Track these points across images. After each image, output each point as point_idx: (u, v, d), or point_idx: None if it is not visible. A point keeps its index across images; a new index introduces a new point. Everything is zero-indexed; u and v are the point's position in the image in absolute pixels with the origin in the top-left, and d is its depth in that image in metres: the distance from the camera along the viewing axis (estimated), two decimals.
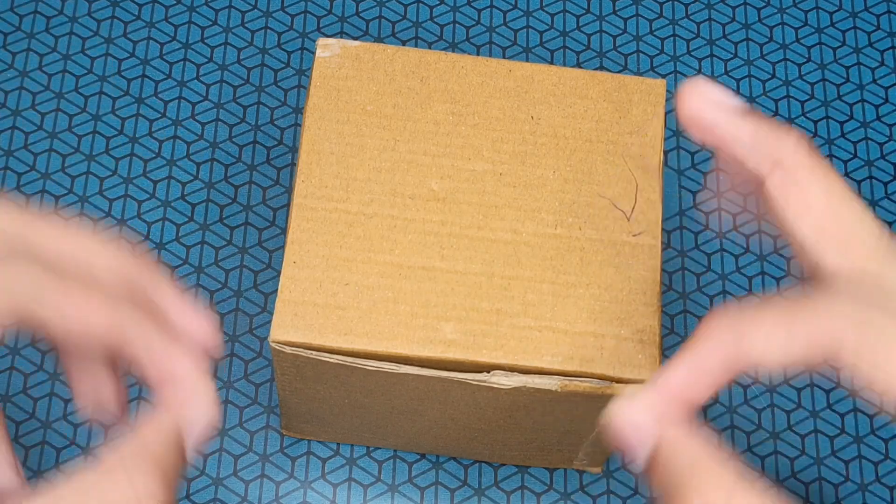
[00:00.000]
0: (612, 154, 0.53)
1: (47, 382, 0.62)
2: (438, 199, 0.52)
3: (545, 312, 0.50)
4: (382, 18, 0.71)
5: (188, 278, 0.65)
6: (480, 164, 0.53)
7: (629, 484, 0.62)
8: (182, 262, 0.65)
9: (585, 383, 0.50)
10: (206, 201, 0.66)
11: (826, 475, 0.63)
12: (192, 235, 0.66)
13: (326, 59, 0.54)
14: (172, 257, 0.65)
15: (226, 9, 0.71)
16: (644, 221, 0.52)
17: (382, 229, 0.51)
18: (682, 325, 0.65)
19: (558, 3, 0.73)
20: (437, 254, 0.51)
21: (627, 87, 0.54)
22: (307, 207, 0.51)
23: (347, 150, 0.52)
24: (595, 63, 0.71)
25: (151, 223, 0.66)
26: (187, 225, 0.66)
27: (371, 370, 0.50)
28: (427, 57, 0.54)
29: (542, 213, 0.52)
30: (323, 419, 0.57)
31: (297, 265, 0.50)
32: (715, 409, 0.64)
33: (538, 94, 0.54)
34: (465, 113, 0.53)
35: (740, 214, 0.68)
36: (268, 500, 0.60)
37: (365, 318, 0.50)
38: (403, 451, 0.61)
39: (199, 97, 0.69)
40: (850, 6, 0.73)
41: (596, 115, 0.54)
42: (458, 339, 0.50)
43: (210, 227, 0.66)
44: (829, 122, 0.70)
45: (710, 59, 0.72)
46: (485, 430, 0.56)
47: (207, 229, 0.66)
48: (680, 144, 0.69)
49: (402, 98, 0.53)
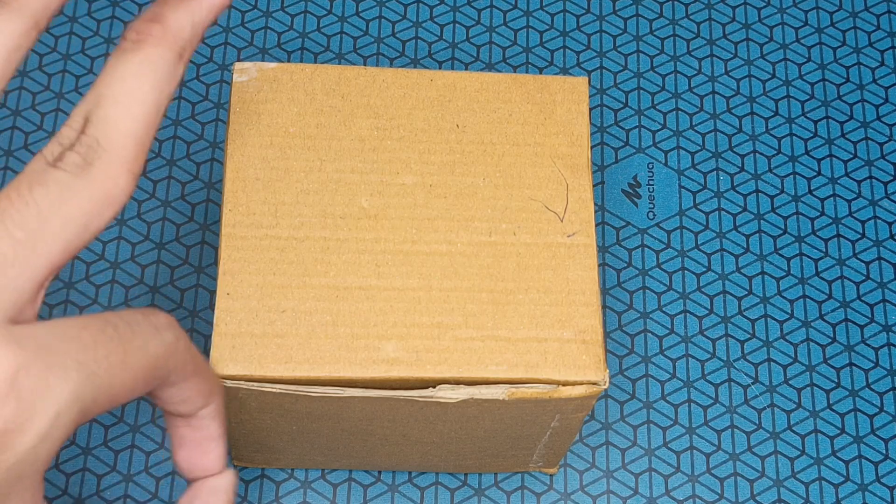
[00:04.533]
0: (539, 156, 0.53)
1: None
2: (370, 217, 0.51)
3: (486, 322, 0.50)
4: (382, 18, 0.71)
5: (188, 279, 0.64)
6: (409, 177, 0.52)
7: (629, 484, 0.62)
8: (182, 262, 0.65)
9: (532, 389, 0.50)
10: (206, 201, 0.66)
11: (826, 475, 0.63)
12: (192, 235, 0.65)
13: (244, 84, 0.53)
14: (172, 257, 0.65)
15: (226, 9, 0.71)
16: (577, 221, 0.52)
17: (315, 252, 0.51)
18: (681, 326, 0.65)
19: (558, 2, 0.72)
20: (373, 272, 0.50)
21: (550, 87, 0.54)
22: (236, 237, 0.51)
23: (273, 175, 0.52)
24: (595, 63, 0.70)
25: (151, 223, 0.65)
26: (187, 225, 0.65)
27: (315, 396, 0.50)
28: (346, 73, 0.54)
29: (476, 221, 0.51)
30: (273, 447, 0.57)
31: (231, 296, 0.50)
32: (715, 408, 0.64)
33: (462, 102, 0.53)
34: (390, 127, 0.53)
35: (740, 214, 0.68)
36: (268, 500, 0.60)
37: (305, 344, 0.49)
38: (358, 470, 0.61)
39: (198, 97, 0.68)
40: (850, 6, 0.73)
41: (521, 118, 0.53)
42: (401, 357, 0.49)
43: (210, 228, 0.65)
44: (830, 122, 0.70)
45: (710, 58, 0.71)
46: (437, 443, 0.55)
47: (207, 229, 0.65)
48: (680, 144, 0.69)
49: (324, 117, 0.53)
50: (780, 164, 0.69)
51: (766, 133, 0.70)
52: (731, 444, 0.63)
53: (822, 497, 0.62)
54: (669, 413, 0.64)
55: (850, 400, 0.64)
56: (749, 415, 0.64)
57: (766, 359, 0.65)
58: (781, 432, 0.63)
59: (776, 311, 0.66)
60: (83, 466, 0.60)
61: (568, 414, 0.52)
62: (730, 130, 0.70)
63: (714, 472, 0.63)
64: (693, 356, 0.65)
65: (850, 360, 0.65)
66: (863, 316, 0.66)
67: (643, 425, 0.63)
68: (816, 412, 0.64)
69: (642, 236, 0.67)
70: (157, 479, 0.61)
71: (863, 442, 0.64)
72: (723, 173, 0.69)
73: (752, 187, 0.69)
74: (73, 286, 0.64)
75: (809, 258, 0.67)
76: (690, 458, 0.63)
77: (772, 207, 0.68)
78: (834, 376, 0.65)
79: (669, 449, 0.63)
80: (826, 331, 0.66)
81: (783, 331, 0.66)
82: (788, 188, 0.69)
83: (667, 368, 0.64)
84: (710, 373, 0.65)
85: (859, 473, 0.63)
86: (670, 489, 0.62)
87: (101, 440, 0.61)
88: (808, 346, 0.65)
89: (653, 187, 0.68)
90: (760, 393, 0.64)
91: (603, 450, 0.63)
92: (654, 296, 0.66)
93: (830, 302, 0.66)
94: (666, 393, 0.64)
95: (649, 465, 0.62)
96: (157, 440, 0.61)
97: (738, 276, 0.67)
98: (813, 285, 0.67)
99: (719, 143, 0.70)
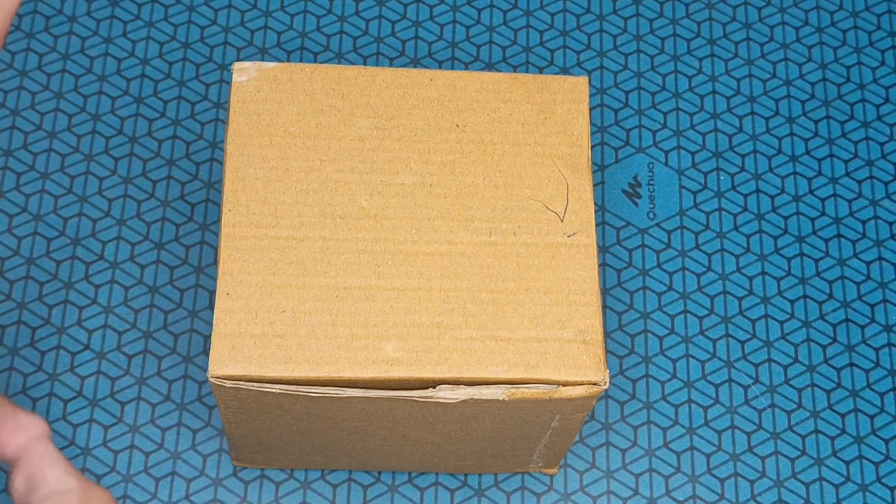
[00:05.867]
0: (539, 156, 0.53)
1: (46, 383, 0.62)
2: (369, 217, 0.51)
3: (486, 322, 0.50)
4: (382, 18, 0.71)
5: (187, 279, 0.64)
6: (409, 177, 0.52)
7: (629, 484, 0.62)
8: (182, 262, 0.65)
9: (532, 389, 0.50)
10: (206, 201, 0.66)
11: (827, 475, 0.63)
12: (192, 235, 0.65)
13: (244, 84, 0.53)
14: (172, 257, 0.65)
15: (226, 8, 0.70)
16: (577, 221, 0.52)
17: (315, 252, 0.50)
18: (682, 326, 0.65)
19: (558, 2, 0.72)
20: (373, 272, 0.50)
21: (550, 87, 0.54)
22: (236, 237, 0.51)
23: (273, 175, 0.52)
24: (595, 63, 0.70)
25: (151, 223, 0.65)
26: (187, 225, 0.65)
27: (315, 396, 0.50)
28: (346, 73, 0.53)
29: (476, 221, 0.51)
30: (272, 448, 0.57)
31: (231, 296, 0.50)
32: (715, 409, 0.64)
33: (462, 102, 0.53)
34: (390, 126, 0.53)
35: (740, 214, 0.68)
36: (268, 500, 0.60)
37: (304, 344, 0.49)
38: (358, 471, 0.61)
39: (198, 97, 0.68)
40: (850, 6, 0.73)
41: (521, 118, 0.53)
42: (401, 357, 0.49)
43: (209, 228, 0.65)
44: (830, 122, 0.70)
45: (711, 58, 0.71)
46: (437, 443, 0.55)
47: (207, 229, 0.65)
48: (680, 144, 0.69)
49: (324, 117, 0.53)
50: (780, 163, 0.69)
51: (766, 133, 0.70)
52: (732, 444, 0.63)
53: (822, 497, 0.62)
54: (670, 413, 0.63)
55: (850, 400, 0.64)
56: (749, 415, 0.64)
57: (766, 359, 0.65)
58: (782, 433, 0.63)
59: (777, 312, 0.66)
60: (83, 467, 0.60)
61: (568, 414, 0.52)
62: (730, 130, 0.70)
63: (714, 472, 0.62)
64: (693, 356, 0.65)
65: (850, 361, 0.65)
66: (863, 316, 0.66)
67: (643, 426, 0.63)
68: (817, 412, 0.64)
69: (642, 236, 0.67)
70: (157, 480, 0.60)
71: (863, 442, 0.63)
72: (723, 173, 0.69)
73: (752, 187, 0.69)
74: (72, 286, 0.64)
75: (810, 258, 0.67)
76: (691, 459, 0.63)
77: (772, 207, 0.68)
78: (834, 376, 0.65)
79: (670, 449, 0.63)
80: (827, 331, 0.66)
81: (784, 331, 0.66)
82: (789, 188, 0.69)
83: (667, 369, 0.64)
84: (710, 373, 0.64)
85: (860, 474, 0.63)
86: (671, 489, 0.62)
87: (101, 441, 0.61)
88: (809, 346, 0.65)
89: (653, 187, 0.68)
90: (761, 393, 0.64)
91: (603, 450, 0.63)
92: (655, 296, 0.66)
93: (831, 302, 0.66)
94: (666, 393, 0.64)
95: (650, 466, 0.62)
96: (157, 440, 0.61)
97: (739, 276, 0.67)
98: (813, 285, 0.67)
99: (720, 143, 0.69)
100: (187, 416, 0.62)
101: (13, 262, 0.64)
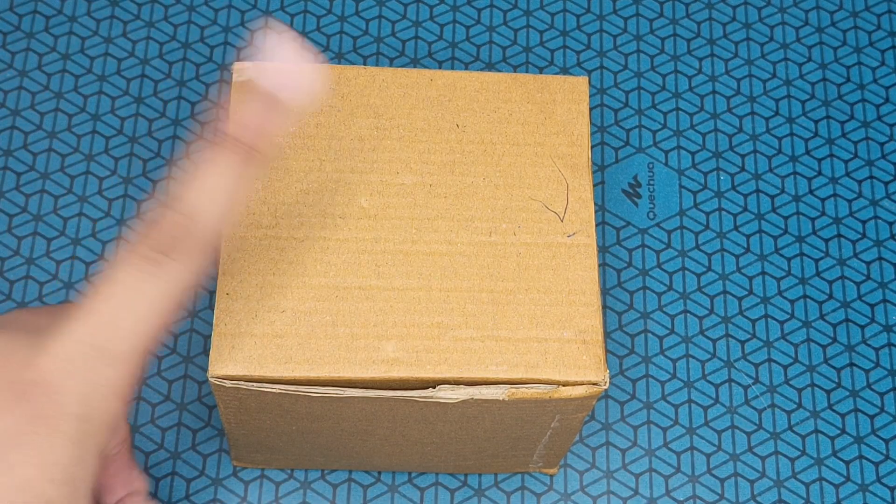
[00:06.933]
0: (540, 156, 0.53)
1: None
2: (369, 217, 0.51)
3: (486, 322, 0.50)
4: (382, 18, 0.71)
5: None
6: (409, 177, 0.52)
7: (629, 484, 0.62)
8: None
9: (532, 389, 0.50)
10: None
11: (827, 475, 0.63)
12: None
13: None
14: None
15: (226, 8, 0.70)
16: (577, 221, 0.52)
17: (315, 252, 0.51)
18: (682, 326, 0.65)
19: (558, 2, 0.72)
20: (373, 272, 0.50)
21: (550, 86, 0.54)
22: (236, 237, 0.51)
23: (272, 174, 0.52)
24: (595, 62, 0.70)
25: None
26: None
27: (315, 396, 0.50)
28: (346, 73, 0.53)
29: (476, 221, 0.51)
30: (272, 448, 0.57)
31: (231, 296, 0.50)
32: (715, 409, 0.64)
33: (461, 102, 0.53)
34: (390, 126, 0.53)
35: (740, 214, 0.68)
36: (268, 500, 0.60)
37: (304, 344, 0.49)
38: (358, 471, 0.61)
39: (198, 97, 0.68)
40: (850, 6, 0.73)
41: (521, 118, 0.53)
42: (401, 357, 0.49)
43: None
44: (830, 122, 0.70)
45: (711, 58, 0.71)
46: (437, 443, 0.55)
47: None
48: (680, 144, 0.69)
49: (323, 116, 0.53)
50: (780, 163, 0.69)
51: (766, 133, 0.70)
52: (732, 444, 0.63)
53: (822, 497, 0.62)
54: (670, 413, 0.63)
55: (850, 400, 0.64)
56: (749, 415, 0.64)
57: (766, 359, 0.65)
58: (782, 433, 0.63)
59: (777, 312, 0.66)
60: None
61: (568, 414, 0.52)
62: (730, 130, 0.70)
63: (714, 472, 0.62)
64: (693, 356, 0.65)
65: (850, 361, 0.65)
66: (863, 316, 0.66)
67: (643, 426, 0.63)
68: (817, 412, 0.64)
69: (642, 236, 0.67)
70: (157, 480, 0.61)
71: (863, 442, 0.63)
72: (723, 173, 0.69)
73: (752, 187, 0.69)
74: (72, 286, 0.64)
75: (810, 258, 0.67)
76: (691, 459, 0.63)
77: (772, 207, 0.68)
78: (834, 376, 0.65)
79: (670, 449, 0.63)
80: (827, 331, 0.66)
81: (784, 331, 0.66)
82: (789, 188, 0.69)
83: (667, 369, 0.64)
84: (710, 373, 0.64)
85: (860, 474, 0.63)
86: (671, 490, 0.62)
87: None
88: (809, 346, 0.65)
89: (653, 187, 0.68)
90: (761, 393, 0.64)
91: (603, 450, 0.63)
92: (655, 296, 0.66)
93: (831, 302, 0.66)
94: (666, 393, 0.64)
95: (650, 466, 0.62)
96: (157, 440, 0.61)
97: (739, 276, 0.67)
98: (813, 285, 0.67)
99: (720, 143, 0.69)
100: (187, 416, 0.62)
101: (13, 262, 0.64)
